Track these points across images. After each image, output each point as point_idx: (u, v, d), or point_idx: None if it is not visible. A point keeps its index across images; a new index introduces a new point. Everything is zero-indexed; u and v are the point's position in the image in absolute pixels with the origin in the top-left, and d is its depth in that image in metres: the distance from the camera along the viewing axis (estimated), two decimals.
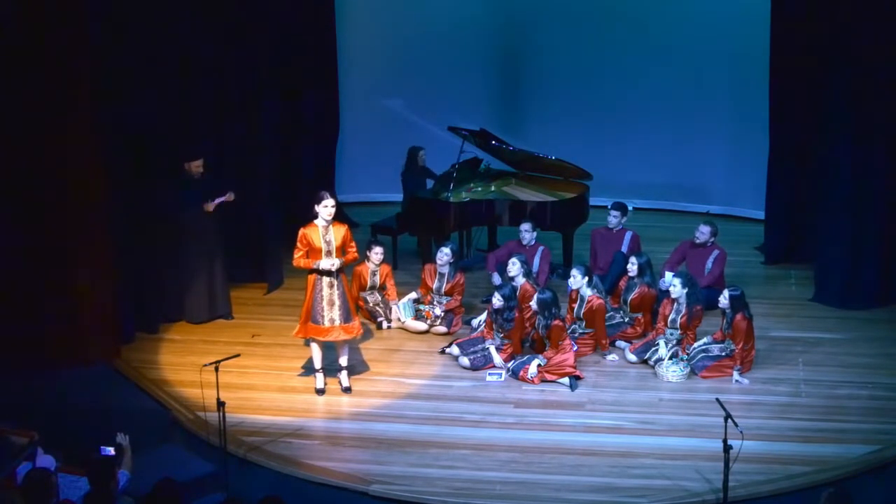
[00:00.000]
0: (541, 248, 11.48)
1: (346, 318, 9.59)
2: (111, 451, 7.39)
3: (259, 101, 11.65)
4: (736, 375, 9.83)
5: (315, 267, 9.42)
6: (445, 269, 11.07)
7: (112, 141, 10.09)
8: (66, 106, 9.67)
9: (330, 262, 9.41)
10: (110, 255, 10.15)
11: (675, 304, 10.19)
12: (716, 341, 10.09)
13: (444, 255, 11.01)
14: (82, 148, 9.81)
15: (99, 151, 9.91)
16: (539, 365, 9.91)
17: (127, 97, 10.31)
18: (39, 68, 9.53)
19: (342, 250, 9.49)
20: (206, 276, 11.08)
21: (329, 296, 9.50)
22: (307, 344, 9.86)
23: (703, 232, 11.32)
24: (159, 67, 10.60)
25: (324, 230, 9.43)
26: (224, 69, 11.34)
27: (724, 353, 9.96)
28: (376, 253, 11.16)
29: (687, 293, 10.11)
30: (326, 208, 9.38)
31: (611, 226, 11.75)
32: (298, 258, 9.48)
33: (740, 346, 9.83)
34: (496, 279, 11.32)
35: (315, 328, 9.57)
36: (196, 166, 10.79)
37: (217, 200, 10.81)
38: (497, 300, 10.10)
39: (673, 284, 10.14)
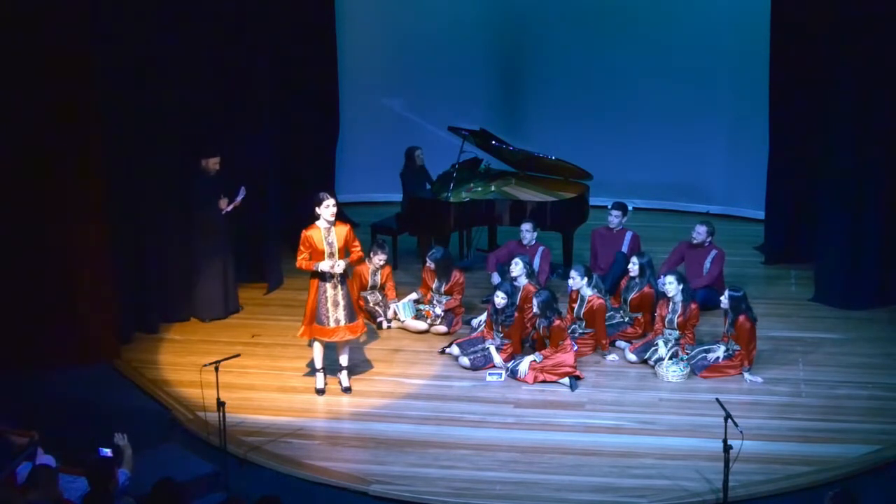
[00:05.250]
0: (541, 248, 11.49)
1: (351, 317, 9.60)
2: (109, 452, 7.39)
3: (259, 101, 11.65)
4: (747, 376, 9.83)
5: (316, 269, 9.42)
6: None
7: (112, 140, 10.09)
8: (65, 105, 9.66)
9: (329, 264, 9.41)
10: (110, 255, 10.15)
11: (671, 303, 10.20)
12: (720, 343, 10.08)
13: (429, 265, 11.08)
14: (83, 148, 9.81)
15: (99, 150, 9.90)
16: (534, 361, 9.91)
17: (127, 98, 10.30)
18: (41, 69, 9.53)
19: (345, 251, 9.49)
20: (221, 273, 11.15)
21: (333, 297, 9.50)
22: (309, 344, 9.86)
23: (700, 232, 11.32)
24: (158, 68, 10.58)
25: (325, 232, 9.43)
26: (224, 70, 11.34)
27: (725, 356, 9.96)
28: (379, 259, 11.18)
29: (682, 290, 10.12)
30: (328, 209, 9.37)
31: (611, 226, 11.76)
32: (301, 260, 9.48)
33: (745, 348, 9.83)
34: (496, 279, 11.32)
35: (320, 329, 9.57)
36: (213, 163, 10.91)
37: (231, 205, 10.94)
38: (500, 298, 10.10)
39: (668, 282, 10.13)
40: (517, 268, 10.66)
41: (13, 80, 9.53)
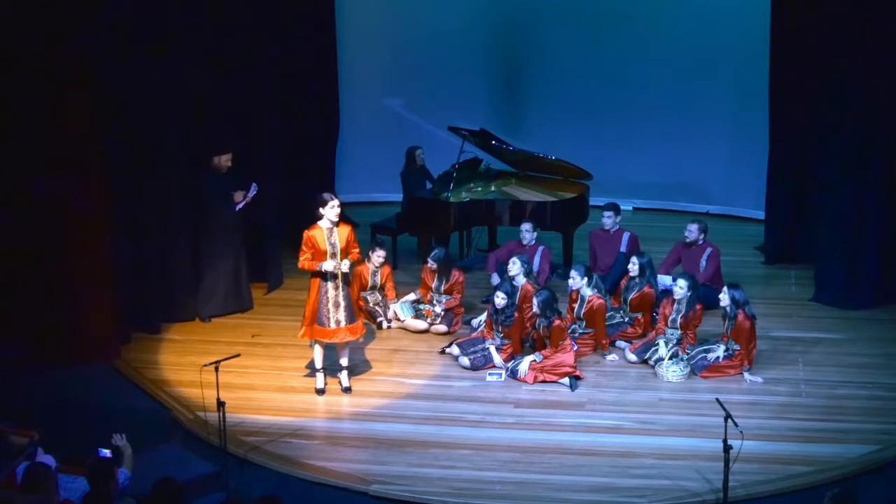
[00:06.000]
0: (541, 247, 11.49)
1: (351, 318, 9.60)
2: (108, 453, 7.39)
3: (259, 101, 11.65)
4: (747, 375, 9.83)
5: (319, 269, 9.42)
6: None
7: (112, 140, 10.09)
8: (64, 104, 9.66)
9: (332, 264, 9.41)
10: (110, 255, 10.15)
11: (676, 304, 10.20)
12: (720, 343, 10.07)
13: (431, 266, 11.08)
14: (83, 147, 9.81)
15: (99, 149, 9.90)
16: (534, 361, 9.91)
17: (126, 98, 10.30)
18: (40, 68, 9.53)
19: (346, 251, 9.50)
20: (235, 270, 11.24)
21: (334, 297, 9.50)
22: (311, 345, 9.86)
23: (692, 230, 11.34)
24: (158, 68, 10.57)
25: (328, 232, 9.43)
26: (224, 69, 11.34)
27: (725, 355, 9.96)
28: (378, 256, 11.18)
29: (690, 295, 10.12)
30: (333, 209, 9.37)
31: (606, 227, 11.77)
32: (303, 261, 9.48)
33: (745, 346, 9.82)
34: (495, 279, 11.32)
35: (321, 330, 9.57)
36: (225, 160, 11.00)
37: (245, 200, 11.06)
38: (500, 299, 10.11)
39: (679, 286, 10.13)
40: (515, 267, 10.66)
41: (12, 79, 9.52)
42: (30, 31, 9.46)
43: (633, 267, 10.66)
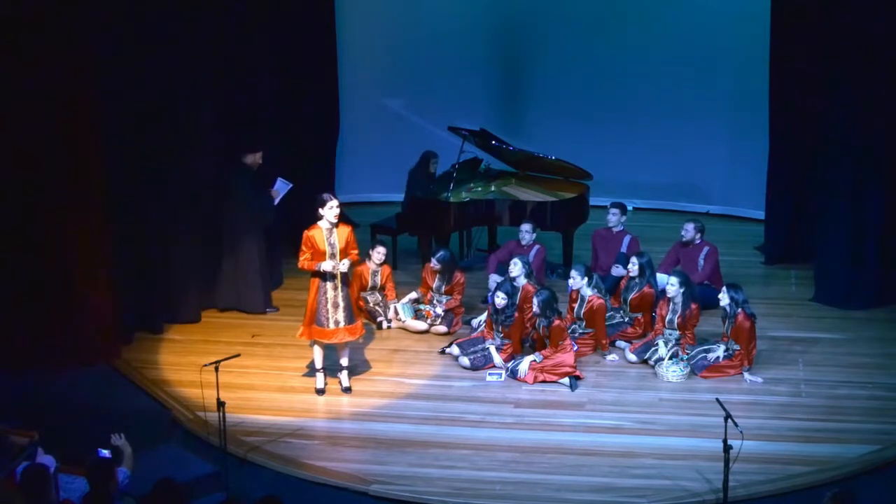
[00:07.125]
0: (536, 246, 11.50)
1: (350, 319, 9.60)
2: (108, 453, 7.39)
3: (259, 101, 11.65)
4: (747, 375, 9.83)
5: (318, 269, 9.42)
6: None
7: (112, 140, 10.09)
8: (65, 105, 9.65)
9: (330, 265, 9.41)
10: (110, 256, 10.14)
11: (671, 304, 10.20)
12: (720, 343, 10.07)
13: (435, 266, 11.07)
14: (83, 147, 9.80)
15: (99, 150, 9.89)
16: (534, 361, 9.91)
17: (126, 96, 10.30)
18: (41, 68, 9.52)
19: (345, 252, 9.50)
20: (268, 265, 11.46)
21: (333, 298, 9.50)
22: (311, 346, 9.86)
23: (688, 230, 11.34)
24: (158, 68, 10.57)
25: (328, 232, 9.43)
26: (223, 69, 11.33)
27: (725, 355, 9.95)
28: (378, 253, 11.18)
29: (683, 292, 10.12)
30: (332, 210, 9.38)
31: (610, 224, 11.76)
32: (303, 261, 9.49)
33: (745, 346, 9.82)
34: (492, 283, 11.28)
35: (319, 331, 9.57)
36: (258, 157, 11.15)
37: (282, 195, 11.23)
38: (500, 299, 10.10)
39: (671, 283, 10.14)
40: (516, 267, 10.66)
41: (12, 80, 9.52)
42: (30, 30, 9.45)
43: (633, 267, 10.66)
